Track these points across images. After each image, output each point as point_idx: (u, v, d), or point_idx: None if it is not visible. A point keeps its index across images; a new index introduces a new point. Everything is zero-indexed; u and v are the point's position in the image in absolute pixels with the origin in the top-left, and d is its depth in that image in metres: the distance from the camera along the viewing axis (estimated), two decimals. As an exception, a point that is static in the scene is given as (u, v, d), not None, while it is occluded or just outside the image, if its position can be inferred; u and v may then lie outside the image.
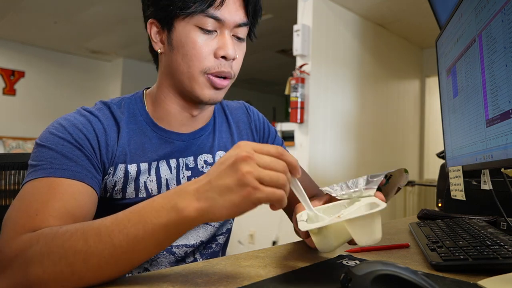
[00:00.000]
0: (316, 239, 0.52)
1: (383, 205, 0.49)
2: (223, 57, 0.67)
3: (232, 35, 0.69)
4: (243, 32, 0.70)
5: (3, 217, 0.55)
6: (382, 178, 0.55)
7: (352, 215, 0.48)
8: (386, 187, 0.60)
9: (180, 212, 0.46)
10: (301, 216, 0.57)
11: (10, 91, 5.12)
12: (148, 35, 0.72)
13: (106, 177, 0.67)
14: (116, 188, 0.68)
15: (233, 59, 0.68)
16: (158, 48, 0.71)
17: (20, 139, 5.12)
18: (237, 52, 0.69)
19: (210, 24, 0.65)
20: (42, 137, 0.63)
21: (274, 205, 0.46)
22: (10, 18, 4.25)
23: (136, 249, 0.47)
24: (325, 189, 0.60)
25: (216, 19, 0.65)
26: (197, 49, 0.66)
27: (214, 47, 0.67)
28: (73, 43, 5.15)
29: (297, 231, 0.78)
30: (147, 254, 0.48)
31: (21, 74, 5.24)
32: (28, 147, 5.15)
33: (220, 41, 0.67)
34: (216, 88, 0.68)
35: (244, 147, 0.46)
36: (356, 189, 0.55)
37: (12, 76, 5.15)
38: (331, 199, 0.64)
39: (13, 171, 0.81)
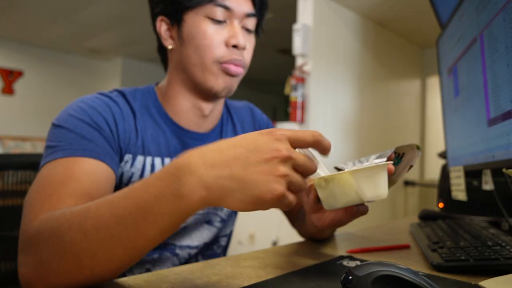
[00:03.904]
0: (321, 193, 0.52)
1: (389, 161, 0.51)
2: (234, 46, 0.67)
3: (242, 26, 0.69)
4: (251, 23, 0.71)
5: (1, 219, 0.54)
6: (392, 153, 0.56)
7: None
8: (399, 166, 0.60)
9: (183, 199, 0.39)
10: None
11: (8, 90, 5.11)
12: (158, 33, 0.72)
13: (122, 165, 0.67)
14: (132, 180, 0.68)
15: (244, 48, 0.68)
16: (169, 44, 0.71)
17: (18, 139, 5.12)
18: (247, 43, 0.70)
19: (219, 13, 0.66)
20: (60, 118, 0.62)
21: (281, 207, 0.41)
22: (8, 17, 4.24)
23: (137, 238, 0.41)
24: (340, 165, 0.61)
25: (225, 7, 0.66)
26: (208, 39, 0.66)
27: (225, 37, 0.67)
28: (72, 43, 5.14)
29: (300, 232, 0.78)
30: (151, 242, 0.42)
31: (20, 73, 5.23)
32: (27, 147, 5.15)
33: (230, 30, 0.67)
34: (231, 75, 0.68)
35: (282, 140, 0.40)
36: (368, 163, 0.56)
37: (11, 76, 5.15)
38: None
39: (11, 171, 0.81)
